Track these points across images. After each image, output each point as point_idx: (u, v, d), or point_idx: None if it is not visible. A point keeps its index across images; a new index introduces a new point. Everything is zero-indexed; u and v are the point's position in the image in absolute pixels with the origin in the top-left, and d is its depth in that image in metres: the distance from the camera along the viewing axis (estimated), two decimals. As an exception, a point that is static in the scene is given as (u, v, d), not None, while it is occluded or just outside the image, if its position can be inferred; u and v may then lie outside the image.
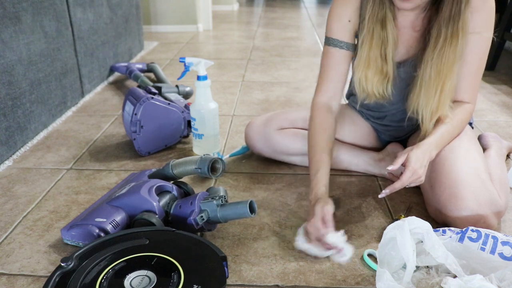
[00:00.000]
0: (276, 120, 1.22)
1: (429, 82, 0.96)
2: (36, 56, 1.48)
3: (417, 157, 0.91)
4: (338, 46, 1.04)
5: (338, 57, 1.05)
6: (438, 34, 0.93)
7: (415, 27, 1.00)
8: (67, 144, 1.44)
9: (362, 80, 1.02)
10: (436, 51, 0.93)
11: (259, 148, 1.25)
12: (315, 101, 1.08)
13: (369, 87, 1.02)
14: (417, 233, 0.75)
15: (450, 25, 0.91)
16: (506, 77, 2.20)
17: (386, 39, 0.98)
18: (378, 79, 1.01)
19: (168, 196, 0.97)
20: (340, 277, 0.84)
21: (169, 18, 3.44)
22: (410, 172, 0.89)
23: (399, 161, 0.91)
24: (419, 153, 0.91)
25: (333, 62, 1.06)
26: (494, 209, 0.91)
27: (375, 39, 0.98)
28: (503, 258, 0.73)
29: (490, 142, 1.27)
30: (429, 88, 0.96)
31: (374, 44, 0.98)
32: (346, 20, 1.02)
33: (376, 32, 0.98)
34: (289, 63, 2.48)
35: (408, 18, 0.99)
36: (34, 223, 1.02)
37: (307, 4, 5.34)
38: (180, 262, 0.76)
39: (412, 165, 0.90)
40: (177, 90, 1.71)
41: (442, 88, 0.96)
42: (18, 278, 0.85)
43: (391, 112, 1.14)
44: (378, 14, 0.96)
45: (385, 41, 0.98)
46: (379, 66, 1.00)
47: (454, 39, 0.91)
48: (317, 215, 0.87)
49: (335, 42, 1.04)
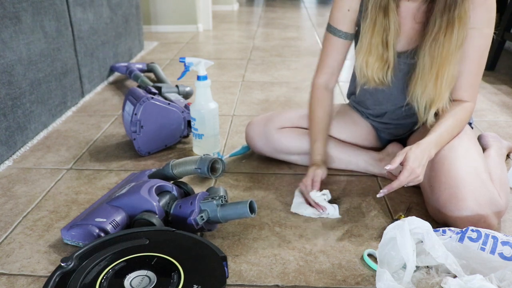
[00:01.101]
0: (277, 119, 1.22)
1: (424, 70, 0.99)
2: (36, 56, 1.48)
3: (416, 156, 0.91)
4: (337, 35, 1.10)
5: (336, 45, 1.11)
6: (434, 23, 0.94)
7: (416, 18, 1.01)
8: (67, 144, 1.44)
9: (363, 66, 1.05)
10: (430, 39, 0.95)
11: (260, 147, 1.25)
12: (314, 82, 1.18)
13: (369, 72, 1.05)
14: (417, 233, 0.75)
15: (445, 14, 0.92)
16: (506, 77, 2.20)
17: (388, 27, 1.00)
18: (379, 66, 1.04)
19: (168, 196, 0.97)
20: (340, 277, 0.84)
21: (169, 18, 3.44)
22: (408, 172, 0.90)
23: (397, 160, 0.91)
24: (418, 152, 0.92)
25: (331, 50, 1.13)
26: (494, 209, 0.91)
27: (377, 27, 1.00)
28: (503, 258, 0.73)
29: (490, 142, 1.27)
30: (425, 76, 0.99)
31: (376, 31, 1.01)
32: (346, 8, 1.06)
33: (379, 20, 1.00)
34: (289, 63, 2.48)
35: (410, 8, 1.00)
36: (34, 223, 1.02)
37: (307, 4, 5.34)
38: (180, 262, 0.76)
39: (410, 164, 0.90)
40: (177, 90, 1.71)
41: (437, 76, 0.97)
42: (18, 278, 0.85)
43: (390, 109, 1.15)
44: (381, 2, 0.98)
45: (387, 29, 1.00)
46: (380, 52, 1.02)
47: (449, 28, 0.93)
48: (308, 176, 1.07)
49: (335, 31, 1.10)
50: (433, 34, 0.95)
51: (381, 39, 1.01)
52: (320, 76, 1.16)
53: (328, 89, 1.17)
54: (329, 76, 1.15)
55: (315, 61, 2.51)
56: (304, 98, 1.88)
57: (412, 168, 0.90)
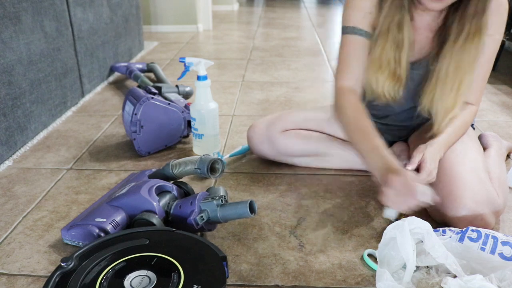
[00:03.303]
0: (280, 122, 1.21)
1: (446, 78, 0.95)
2: (36, 56, 1.48)
3: (432, 158, 0.91)
4: (358, 33, 0.99)
5: (358, 45, 1.00)
6: (461, 30, 0.92)
7: (432, 28, 0.98)
8: (67, 144, 1.44)
9: (373, 82, 1.00)
10: (457, 46, 0.93)
11: (263, 150, 1.24)
12: (339, 85, 1.02)
13: (379, 89, 1.01)
14: (417, 233, 0.75)
15: (474, 20, 0.90)
16: (506, 77, 2.20)
17: (402, 43, 0.95)
18: (390, 83, 0.99)
19: (168, 196, 0.97)
20: (340, 277, 0.84)
21: (169, 18, 3.44)
22: (426, 173, 0.90)
23: (415, 161, 0.92)
24: (433, 152, 0.92)
25: (354, 49, 1.00)
26: (492, 207, 0.91)
27: (390, 42, 0.95)
28: (503, 258, 0.73)
29: (490, 142, 1.27)
30: (446, 84, 0.96)
31: (388, 46, 0.96)
32: (367, 11, 0.97)
33: (392, 35, 0.95)
34: (289, 63, 2.48)
35: (425, 19, 0.97)
36: (34, 223, 1.02)
37: (307, 4, 5.33)
38: (180, 262, 0.76)
39: (428, 166, 0.90)
40: (177, 90, 1.71)
41: (460, 84, 0.95)
42: (18, 278, 0.85)
43: (395, 111, 1.13)
44: (395, 17, 0.94)
45: (400, 44, 0.95)
46: (392, 69, 0.98)
47: (477, 35, 0.91)
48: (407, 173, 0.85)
49: (355, 30, 0.99)
50: (460, 40, 0.92)
51: (394, 54, 0.96)
52: (345, 79, 1.02)
53: (355, 93, 1.02)
54: (354, 81, 1.02)
55: (315, 61, 2.53)
56: (304, 98, 1.88)
57: (430, 170, 0.90)
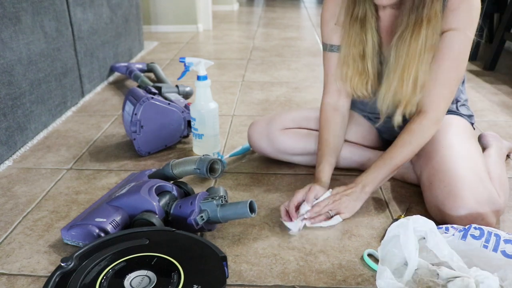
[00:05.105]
0: (280, 120, 1.21)
1: (390, 69, 0.98)
2: (36, 56, 1.48)
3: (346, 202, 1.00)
4: (332, 50, 1.08)
5: (333, 61, 1.08)
6: (401, 22, 0.94)
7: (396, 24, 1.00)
8: (67, 144, 1.44)
9: (343, 79, 1.05)
10: (396, 37, 0.94)
11: (263, 148, 1.24)
12: (322, 102, 1.14)
13: (348, 86, 1.05)
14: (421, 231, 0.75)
15: (412, 13, 0.91)
16: (506, 77, 2.20)
17: (364, 39, 0.98)
18: (358, 79, 1.03)
19: (168, 196, 0.97)
20: (340, 277, 0.84)
21: (169, 18, 3.44)
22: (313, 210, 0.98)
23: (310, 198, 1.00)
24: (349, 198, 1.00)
25: (331, 66, 1.10)
26: (492, 207, 0.91)
27: (353, 38, 0.99)
28: (506, 256, 0.73)
29: (490, 142, 1.27)
30: (390, 75, 0.98)
31: (352, 43, 1.00)
32: (332, 23, 1.04)
33: (355, 32, 0.99)
34: (289, 63, 2.48)
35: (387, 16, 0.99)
36: (34, 223, 1.02)
37: (307, 4, 5.34)
38: (180, 262, 0.76)
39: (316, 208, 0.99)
40: (177, 90, 1.71)
41: (402, 76, 0.96)
42: (18, 278, 0.85)
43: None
44: (354, 11, 0.97)
45: (363, 41, 0.99)
46: (357, 65, 1.01)
47: (417, 28, 0.91)
48: (305, 188, 1.01)
49: (328, 47, 1.09)
50: (399, 32, 0.94)
51: (358, 51, 1.00)
52: (327, 96, 1.13)
53: (337, 109, 1.12)
54: (336, 95, 1.12)
55: (315, 61, 2.53)
56: (304, 98, 1.88)
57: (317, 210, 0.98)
